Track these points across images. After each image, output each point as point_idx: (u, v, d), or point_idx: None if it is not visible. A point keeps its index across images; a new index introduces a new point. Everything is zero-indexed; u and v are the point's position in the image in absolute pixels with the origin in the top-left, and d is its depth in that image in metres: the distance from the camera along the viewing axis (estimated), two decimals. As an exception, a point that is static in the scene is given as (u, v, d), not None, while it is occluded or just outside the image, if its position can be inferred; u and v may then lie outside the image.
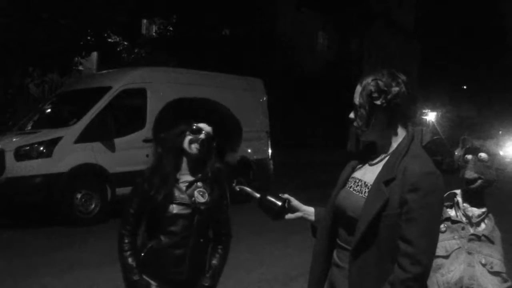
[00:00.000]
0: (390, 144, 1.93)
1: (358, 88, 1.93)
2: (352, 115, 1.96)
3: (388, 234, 1.79)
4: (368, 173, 1.96)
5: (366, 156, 2.03)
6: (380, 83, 1.87)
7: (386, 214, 1.79)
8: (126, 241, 2.44)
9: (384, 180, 1.83)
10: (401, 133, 1.93)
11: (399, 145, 1.91)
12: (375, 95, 1.87)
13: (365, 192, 1.90)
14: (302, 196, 2.45)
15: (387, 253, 1.79)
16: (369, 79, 1.90)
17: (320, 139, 22.85)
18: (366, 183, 1.92)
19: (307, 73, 23.26)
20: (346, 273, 1.91)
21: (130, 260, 2.39)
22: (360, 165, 2.05)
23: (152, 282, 2.39)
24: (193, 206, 2.39)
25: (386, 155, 1.93)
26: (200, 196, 2.41)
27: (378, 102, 1.87)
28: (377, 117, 1.89)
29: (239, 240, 7.37)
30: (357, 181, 1.97)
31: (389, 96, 1.86)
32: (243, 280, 5.55)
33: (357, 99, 1.92)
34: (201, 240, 2.44)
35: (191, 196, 2.40)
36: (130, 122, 9.56)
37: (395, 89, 1.87)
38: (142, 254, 2.41)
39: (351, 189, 1.97)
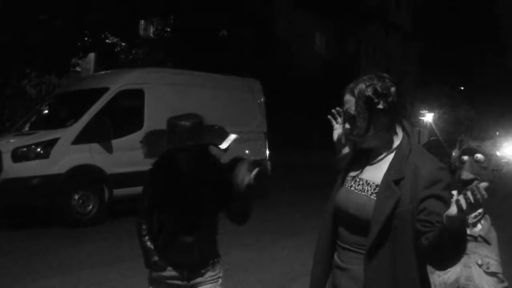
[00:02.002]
0: (390, 143, 1.95)
1: (350, 98, 1.92)
2: (347, 125, 1.95)
3: (401, 231, 1.80)
4: (369, 172, 1.96)
5: (362, 155, 2.04)
6: (378, 87, 1.88)
7: (398, 212, 1.80)
8: (144, 227, 2.76)
9: (393, 179, 1.84)
10: (399, 131, 1.96)
11: (400, 143, 1.93)
12: (376, 100, 1.88)
13: (367, 190, 1.91)
14: (300, 197, 2.46)
15: (401, 250, 1.81)
16: (362, 87, 1.90)
17: (318, 139, 22.84)
18: (368, 181, 1.93)
19: (305, 74, 23.29)
20: (350, 273, 1.92)
21: (148, 243, 2.74)
22: (356, 165, 2.05)
23: (167, 265, 2.71)
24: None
25: (386, 153, 1.95)
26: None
27: (381, 106, 1.88)
28: (379, 121, 1.90)
29: (237, 241, 7.38)
30: (357, 180, 1.98)
31: (389, 98, 1.88)
32: (241, 281, 5.55)
33: (352, 109, 1.91)
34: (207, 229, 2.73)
35: None
36: (128, 123, 9.55)
37: (393, 89, 1.89)
38: (158, 242, 2.72)
39: (352, 188, 1.97)
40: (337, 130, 2.43)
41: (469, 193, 1.50)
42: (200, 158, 2.68)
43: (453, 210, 1.56)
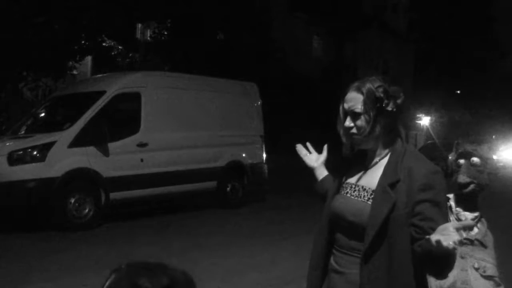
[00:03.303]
0: (385, 147, 1.95)
1: (357, 96, 1.90)
2: (350, 123, 1.93)
3: (397, 235, 1.80)
4: (364, 178, 1.96)
5: (357, 161, 2.04)
6: (389, 89, 1.89)
7: (394, 216, 1.80)
8: None
9: (389, 182, 1.84)
10: (395, 137, 1.96)
11: (395, 147, 1.93)
12: (386, 101, 1.88)
13: (364, 196, 1.90)
14: (297, 200, 2.46)
15: (397, 255, 1.80)
16: (371, 86, 1.89)
17: (315, 143, 22.86)
18: (364, 187, 1.93)
19: (302, 77, 23.33)
20: (347, 278, 1.92)
21: None
22: (351, 171, 2.05)
23: None
24: None
25: (381, 158, 1.94)
26: None
27: (389, 108, 1.88)
28: (385, 123, 1.90)
29: (233, 244, 7.39)
30: (353, 186, 1.97)
31: (398, 101, 1.89)
32: (237, 285, 5.54)
33: (359, 107, 1.89)
34: None
35: None
36: (124, 127, 9.54)
37: (401, 92, 1.90)
38: None
39: (348, 195, 1.97)
40: (308, 157, 2.42)
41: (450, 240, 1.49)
42: None
43: (432, 239, 1.55)
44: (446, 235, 1.52)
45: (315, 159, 2.40)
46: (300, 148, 2.44)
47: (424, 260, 1.73)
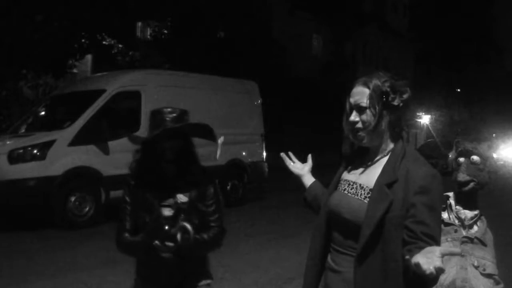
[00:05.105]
0: (386, 145, 1.93)
1: (363, 90, 1.88)
2: (355, 117, 1.90)
3: (392, 236, 1.78)
4: (363, 176, 1.95)
5: (357, 158, 2.03)
6: (396, 84, 1.87)
7: (390, 216, 1.78)
8: (125, 234, 2.43)
9: (386, 182, 1.82)
10: (398, 135, 1.94)
11: (395, 146, 1.91)
12: (392, 96, 1.85)
13: (361, 194, 1.89)
14: (297, 199, 2.46)
15: (391, 255, 1.79)
16: (377, 81, 1.87)
17: (315, 141, 22.89)
18: (362, 185, 1.91)
19: (302, 76, 23.33)
20: (343, 276, 1.91)
21: (130, 238, 2.39)
22: (351, 167, 2.04)
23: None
24: (176, 206, 2.40)
25: (381, 156, 1.93)
26: (183, 196, 2.42)
27: (395, 103, 1.86)
28: (389, 118, 1.88)
29: (233, 243, 7.39)
30: (351, 183, 1.96)
31: (405, 96, 1.87)
32: (237, 283, 5.55)
33: (364, 101, 1.86)
34: None
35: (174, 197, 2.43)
36: (125, 125, 9.54)
37: (408, 88, 1.88)
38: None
39: (345, 192, 1.96)
40: (293, 166, 2.43)
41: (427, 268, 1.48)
42: (186, 162, 2.43)
43: (412, 261, 1.54)
44: (429, 259, 1.50)
45: (300, 168, 2.41)
46: (284, 157, 2.46)
47: (406, 273, 1.72)
